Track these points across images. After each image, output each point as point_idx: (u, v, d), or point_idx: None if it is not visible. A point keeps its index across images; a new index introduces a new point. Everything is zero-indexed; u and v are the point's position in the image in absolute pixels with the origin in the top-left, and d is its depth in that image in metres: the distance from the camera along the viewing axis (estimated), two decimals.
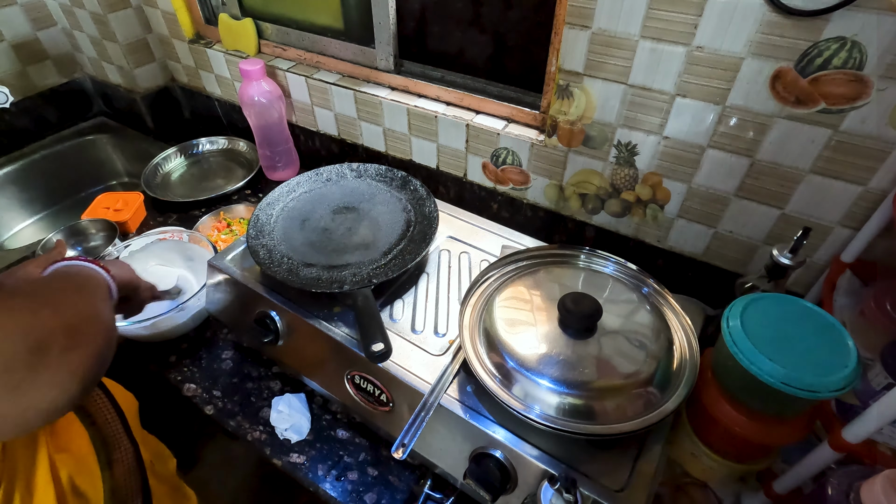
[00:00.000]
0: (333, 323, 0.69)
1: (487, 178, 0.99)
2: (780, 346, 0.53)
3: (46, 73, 1.40)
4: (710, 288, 0.84)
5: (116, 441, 0.68)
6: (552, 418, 0.53)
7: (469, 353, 0.60)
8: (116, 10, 1.24)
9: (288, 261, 0.74)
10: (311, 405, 0.79)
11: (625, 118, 0.77)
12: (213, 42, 1.26)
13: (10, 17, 1.28)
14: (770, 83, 0.64)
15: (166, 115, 1.46)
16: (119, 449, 0.67)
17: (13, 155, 1.36)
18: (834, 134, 0.63)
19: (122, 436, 0.68)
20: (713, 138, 0.72)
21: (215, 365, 0.86)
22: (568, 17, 0.72)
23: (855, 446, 0.51)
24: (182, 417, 0.95)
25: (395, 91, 1.03)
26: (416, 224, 0.80)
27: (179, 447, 0.87)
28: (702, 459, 0.66)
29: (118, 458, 0.66)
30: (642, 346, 0.59)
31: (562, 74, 0.78)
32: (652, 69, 0.70)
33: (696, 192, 0.78)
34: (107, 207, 1.12)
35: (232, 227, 1.11)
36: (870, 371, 0.58)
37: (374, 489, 0.70)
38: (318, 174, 0.90)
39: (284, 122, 1.16)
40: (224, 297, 0.80)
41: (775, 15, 0.60)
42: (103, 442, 0.66)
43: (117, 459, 0.66)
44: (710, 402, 0.61)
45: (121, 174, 1.51)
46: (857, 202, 0.67)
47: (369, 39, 1.03)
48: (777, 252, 0.65)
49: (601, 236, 0.92)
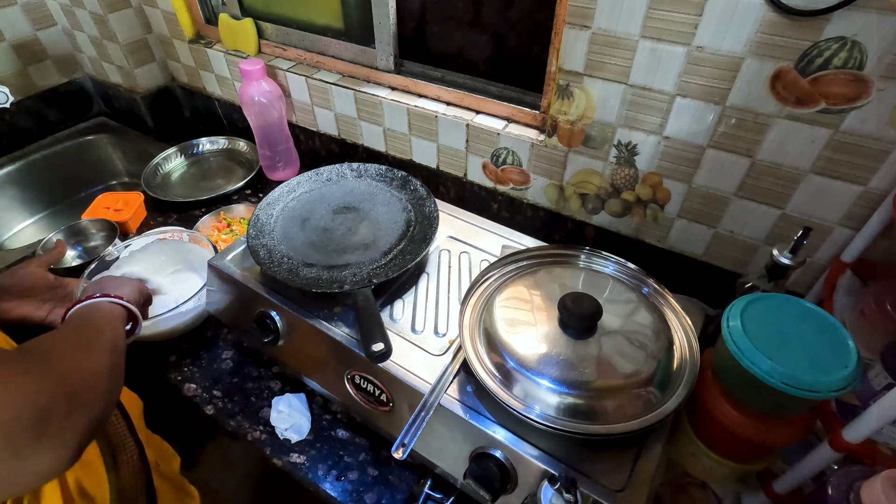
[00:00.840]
0: (333, 323, 0.69)
1: (487, 178, 0.99)
2: (780, 346, 0.53)
3: (46, 73, 1.40)
4: (710, 288, 0.84)
5: (122, 443, 0.68)
6: (552, 418, 0.53)
7: (469, 353, 0.60)
8: (116, 10, 1.24)
9: (288, 261, 0.74)
10: (311, 405, 0.79)
11: (625, 118, 0.77)
12: (213, 42, 1.26)
13: (10, 17, 1.28)
14: (770, 83, 0.64)
15: (166, 115, 1.46)
16: (124, 451, 0.68)
17: (13, 155, 1.36)
18: (834, 134, 0.63)
19: (127, 437, 0.69)
20: (713, 138, 0.72)
21: (215, 365, 0.86)
22: (568, 16, 0.72)
23: (855, 446, 0.51)
24: (182, 417, 0.95)
25: (395, 91, 1.03)
26: (416, 224, 0.80)
27: (180, 447, 0.87)
28: (702, 459, 0.66)
29: (124, 459, 0.67)
30: (642, 346, 0.59)
31: (562, 74, 0.78)
32: (652, 69, 0.70)
33: (697, 192, 0.78)
34: (107, 207, 1.12)
35: (232, 227, 1.11)
36: (870, 371, 0.58)
37: (374, 489, 0.70)
38: (318, 174, 0.90)
39: (284, 122, 1.16)
40: (224, 297, 0.80)
41: (775, 15, 0.60)
42: (109, 444, 0.66)
43: (123, 461, 0.67)
44: (710, 402, 0.61)
45: (121, 174, 1.51)
46: (857, 202, 0.67)
47: (369, 39, 1.03)
48: (777, 252, 0.65)
49: (601, 236, 0.92)
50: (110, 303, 0.64)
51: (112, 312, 0.63)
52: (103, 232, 1.10)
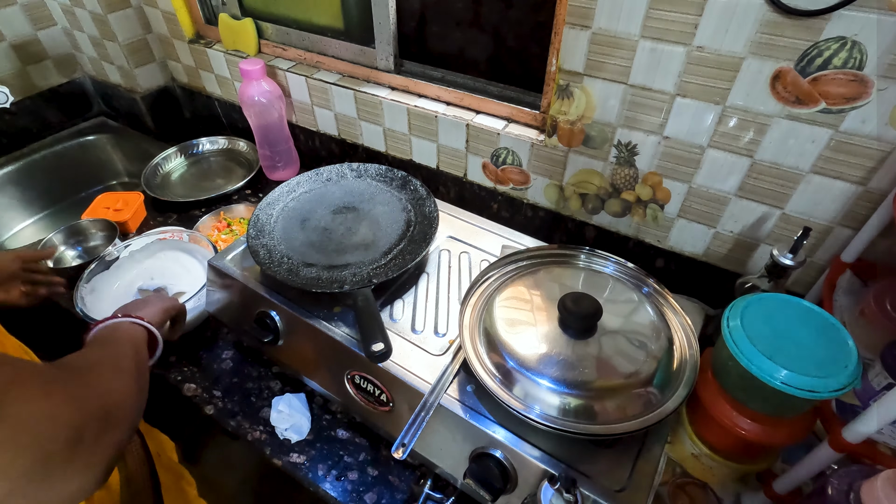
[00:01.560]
0: (333, 323, 0.69)
1: (487, 178, 0.99)
2: (780, 346, 0.53)
3: (46, 73, 1.40)
4: (710, 288, 0.84)
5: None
6: (552, 418, 0.53)
7: (469, 353, 0.60)
8: (116, 10, 1.24)
9: (288, 261, 0.74)
10: (311, 405, 0.79)
11: (625, 118, 0.77)
12: (213, 42, 1.26)
13: (10, 17, 1.28)
14: (770, 83, 0.64)
15: (166, 115, 1.46)
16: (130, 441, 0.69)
17: (13, 155, 1.36)
18: (834, 134, 0.63)
19: None
20: (713, 138, 0.72)
21: (215, 365, 0.86)
22: (568, 16, 0.72)
23: (855, 446, 0.50)
24: (182, 417, 0.95)
25: (395, 91, 1.03)
26: (416, 224, 0.80)
27: (179, 447, 0.87)
28: (702, 459, 0.66)
29: (129, 449, 0.69)
30: (642, 346, 0.59)
31: (562, 74, 0.78)
32: (652, 69, 0.70)
33: (697, 192, 0.78)
34: (107, 207, 1.12)
35: (232, 227, 1.11)
36: (870, 371, 0.58)
37: (374, 489, 0.70)
38: (318, 174, 0.90)
39: (284, 122, 1.16)
40: (224, 297, 0.80)
41: (775, 15, 0.60)
42: None
43: (129, 451, 0.69)
44: (710, 402, 0.61)
45: (121, 174, 1.51)
46: (857, 202, 0.67)
47: (369, 39, 1.03)
48: (777, 252, 0.65)
49: (601, 236, 0.92)
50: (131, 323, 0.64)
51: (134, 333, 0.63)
52: (103, 232, 1.10)
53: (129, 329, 0.63)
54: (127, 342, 0.60)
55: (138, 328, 0.64)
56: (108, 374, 0.50)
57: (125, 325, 0.63)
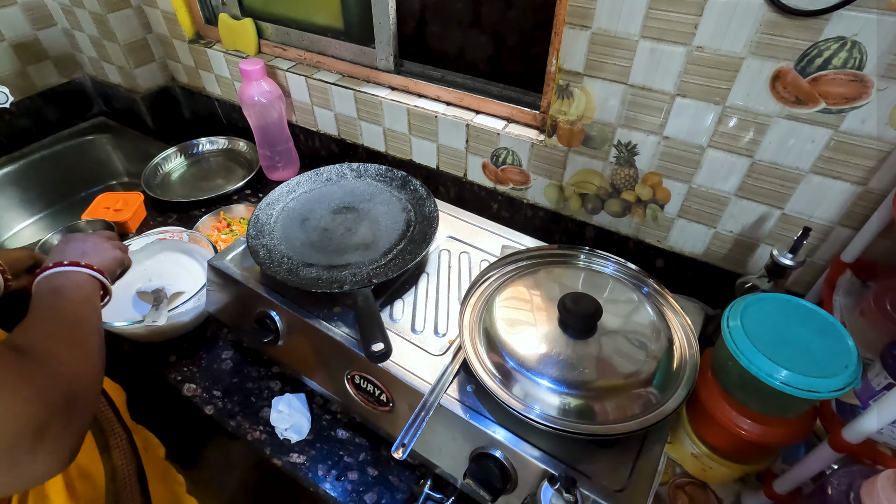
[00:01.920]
0: (333, 323, 0.69)
1: (487, 178, 0.99)
2: (780, 346, 0.53)
3: (46, 73, 1.40)
4: (710, 288, 0.84)
5: (111, 428, 0.70)
6: (552, 418, 0.53)
7: (469, 353, 0.60)
8: (116, 10, 1.24)
9: (288, 261, 0.74)
10: (311, 405, 0.79)
11: (625, 118, 0.77)
12: (213, 42, 1.26)
13: (10, 17, 1.28)
14: (770, 83, 0.64)
15: (166, 115, 1.46)
16: (114, 435, 0.70)
17: (13, 155, 1.36)
18: (834, 134, 0.63)
19: (115, 423, 0.71)
20: (713, 138, 0.72)
21: (215, 365, 0.86)
22: (568, 17, 0.72)
23: (855, 446, 0.51)
24: (182, 417, 0.95)
25: (395, 91, 1.03)
26: (416, 224, 0.80)
27: (179, 447, 0.87)
28: (702, 459, 0.66)
29: (115, 443, 0.69)
30: (642, 346, 0.59)
31: (562, 74, 0.78)
32: (652, 69, 0.70)
33: (696, 192, 0.78)
34: (107, 207, 1.12)
35: (232, 227, 1.11)
36: (870, 371, 0.58)
37: (374, 489, 0.70)
38: (318, 174, 0.90)
39: (284, 122, 1.16)
40: (224, 297, 0.80)
41: (775, 15, 0.60)
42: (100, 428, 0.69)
43: (114, 445, 0.69)
44: (710, 402, 0.61)
45: (121, 174, 1.51)
46: (857, 202, 0.67)
47: (369, 39, 1.03)
48: (777, 252, 0.65)
49: (601, 236, 0.92)
50: (80, 272, 0.58)
51: (85, 286, 0.57)
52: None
53: (79, 280, 0.57)
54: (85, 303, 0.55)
55: (93, 281, 0.59)
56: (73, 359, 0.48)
57: (82, 276, 0.58)
